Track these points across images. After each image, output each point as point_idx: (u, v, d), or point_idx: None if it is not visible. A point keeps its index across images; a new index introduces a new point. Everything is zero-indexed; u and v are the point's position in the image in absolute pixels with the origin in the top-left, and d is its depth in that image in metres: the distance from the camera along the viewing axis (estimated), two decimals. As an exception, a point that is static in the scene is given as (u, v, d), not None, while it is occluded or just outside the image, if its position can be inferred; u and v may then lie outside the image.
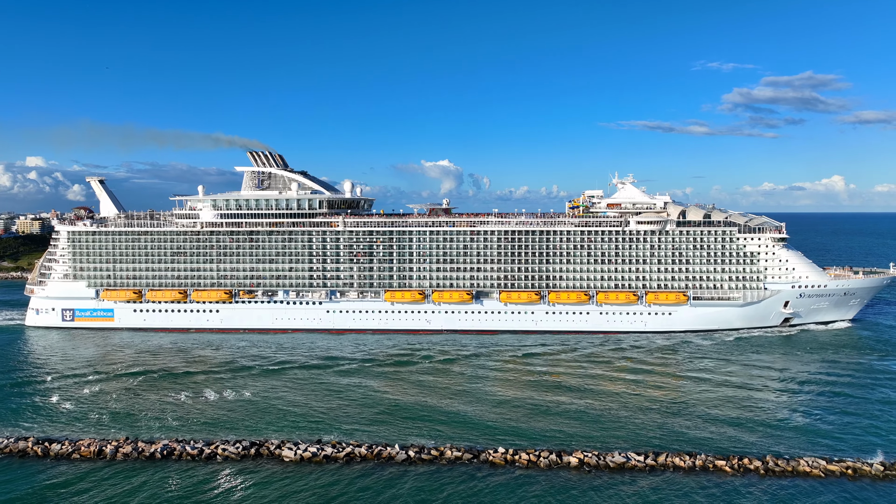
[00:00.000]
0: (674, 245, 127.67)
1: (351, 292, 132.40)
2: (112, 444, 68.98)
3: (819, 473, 61.66)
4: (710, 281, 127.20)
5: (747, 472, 62.39)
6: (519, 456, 65.39)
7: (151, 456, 66.89)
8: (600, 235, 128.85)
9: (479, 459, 65.53)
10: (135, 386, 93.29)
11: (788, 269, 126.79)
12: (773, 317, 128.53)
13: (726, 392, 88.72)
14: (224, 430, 74.42)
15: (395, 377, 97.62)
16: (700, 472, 62.52)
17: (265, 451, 67.39)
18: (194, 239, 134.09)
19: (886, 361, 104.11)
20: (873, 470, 61.84)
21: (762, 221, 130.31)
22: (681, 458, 64.21)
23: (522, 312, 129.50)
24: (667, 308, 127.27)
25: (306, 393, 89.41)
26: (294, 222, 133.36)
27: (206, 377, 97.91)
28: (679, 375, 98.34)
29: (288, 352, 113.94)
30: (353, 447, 67.81)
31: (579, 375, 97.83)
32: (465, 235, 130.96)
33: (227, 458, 66.67)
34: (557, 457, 65.12)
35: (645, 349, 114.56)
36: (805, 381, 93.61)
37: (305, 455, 66.17)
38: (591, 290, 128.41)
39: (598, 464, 63.91)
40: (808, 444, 69.55)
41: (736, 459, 63.90)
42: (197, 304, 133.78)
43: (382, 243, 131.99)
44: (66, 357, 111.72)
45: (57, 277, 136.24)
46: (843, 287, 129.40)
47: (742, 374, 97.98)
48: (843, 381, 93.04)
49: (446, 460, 65.63)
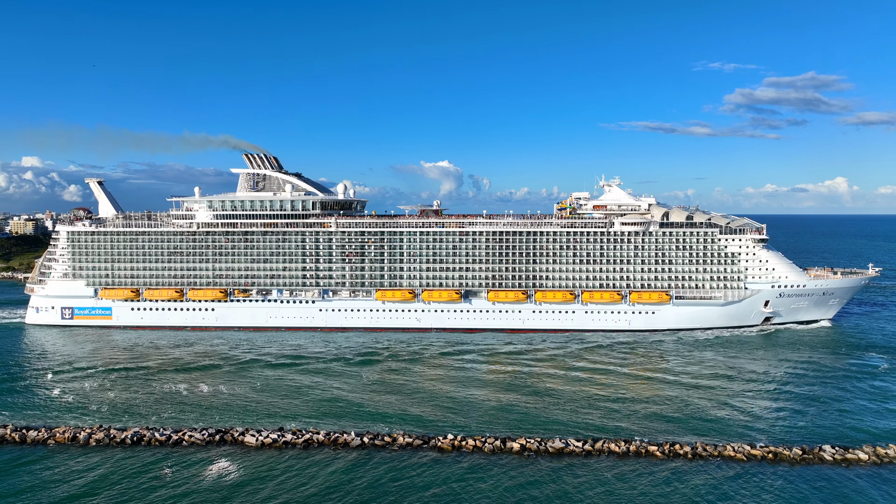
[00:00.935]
0: (657, 246, 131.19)
1: (343, 291, 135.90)
2: (85, 430, 73.19)
3: (742, 457, 66.10)
4: (692, 281, 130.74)
5: (676, 456, 66.85)
6: (466, 442, 69.78)
7: (122, 442, 71.03)
8: (586, 236, 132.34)
9: (429, 445, 69.80)
10: (132, 380, 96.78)
11: (768, 269, 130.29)
12: (753, 316, 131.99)
13: (689, 386, 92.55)
14: (216, 418, 78.02)
15: (362, 372, 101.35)
16: (633, 456, 67.12)
17: (229, 437, 71.58)
18: (190, 239, 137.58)
19: (855, 359, 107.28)
20: (792, 454, 66.37)
21: (743, 223, 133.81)
22: (616, 444, 68.81)
23: (510, 311, 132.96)
24: (650, 307, 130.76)
25: (288, 387, 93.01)
26: (288, 223, 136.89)
27: (202, 373, 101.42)
28: (648, 370, 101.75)
29: (279, 348, 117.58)
30: (312, 434, 71.95)
31: (533, 373, 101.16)
32: (454, 236, 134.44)
33: (193, 443, 70.80)
34: (501, 443, 69.52)
35: (621, 347, 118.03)
36: (770, 377, 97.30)
37: (266, 441, 70.40)
38: (577, 290, 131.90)
39: (539, 449, 68.35)
40: (753, 432, 73.85)
41: (668, 445, 68.25)
42: (193, 303, 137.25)
43: (374, 244, 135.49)
44: (66, 353, 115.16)
45: (56, 276, 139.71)
46: (822, 287, 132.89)
47: (710, 370, 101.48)
48: (807, 377, 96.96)
49: (398, 446, 69.80)
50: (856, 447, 68.07)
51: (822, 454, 66.30)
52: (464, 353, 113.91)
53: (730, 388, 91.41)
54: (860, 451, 66.67)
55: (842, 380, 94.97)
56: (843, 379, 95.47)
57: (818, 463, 65.33)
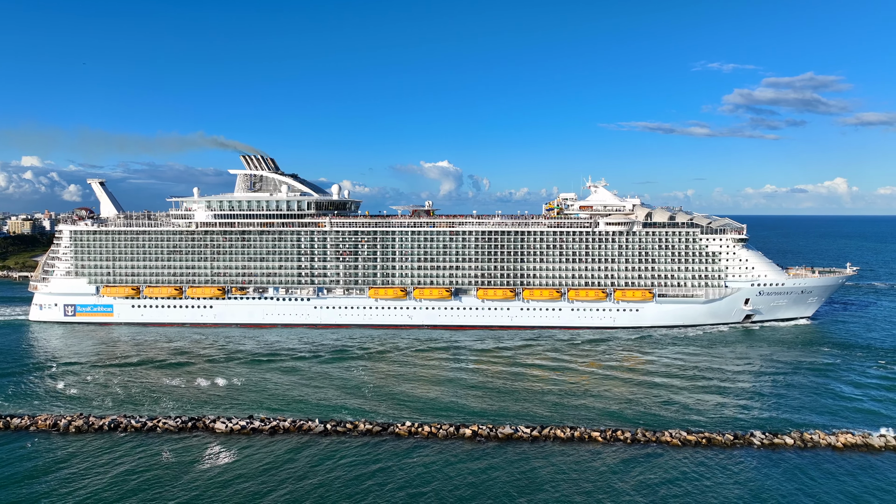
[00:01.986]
0: (640, 245, 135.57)
1: (337, 289, 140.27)
2: (66, 418, 77.71)
3: (678, 443, 71.01)
4: (675, 279, 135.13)
5: (616, 441, 71.80)
6: (422, 428, 74.59)
7: (100, 428, 75.59)
8: (571, 236, 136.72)
9: (388, 432, 74.55)
10: (131, 374, 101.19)
11: (748, 267, 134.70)
12: (734, 313, 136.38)
13: (653, 380, 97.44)
14: (211, 409, 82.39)
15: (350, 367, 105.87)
16: (577, 441, 72.06)
17: (200, 424, 76.29)
18: (189, 238, 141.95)
19: (819, 356, 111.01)
20: (724, 440, 71.26)
21: (724, 223, 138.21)
22: (562, 430, 73.78)
23: (498, 309, 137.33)
24: (634, 305, 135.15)
25: (277, 380, 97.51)
26: (284, 223, 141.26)
27: (199, 367, 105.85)
28: (618, 365, 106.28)
29: (271, 345, 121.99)
30: (279, 421, 76.61)
31: (493, 367, 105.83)
32: (444, 236, 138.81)
33: (167, 429, 75.46)
34: (455, 429, 74.39)
35: (598, 343, 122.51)
36: (730, 371, 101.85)
37: (235, 427, 75.16)
38: (563, 288, 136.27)
39: (490, 434, 73.22)
40: (695, 420, 78.74)
41: (610, 431, 73.26)
42: (192, 301, 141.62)
43: (367, 243, 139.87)
44: (69, 349, 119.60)
45: (59, 274, 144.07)
46: (801, 285, 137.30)
47: (678, 364, 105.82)
48: (765, 371, 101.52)
49: (359, 432, 74.48)
50: (783, 433, 72.97)
51: (751, 439, 71.41)
52: (435, 349, 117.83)
53: (688, 382, 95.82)
54: (787, 437, 71.72)
55: (798, 374, 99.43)
56: (799, 373, 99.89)
57: (747, 447, 70.27)
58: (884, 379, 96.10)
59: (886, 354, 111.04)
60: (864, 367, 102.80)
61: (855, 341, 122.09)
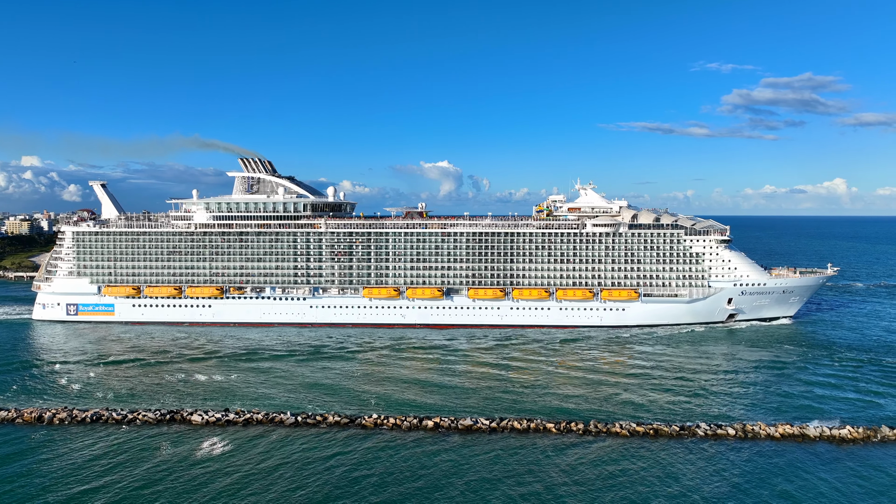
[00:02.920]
0: (626, 246, 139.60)
1: (332, 289, 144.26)
2: (50, 411, 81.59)
3: (626, 433, 75.31)
4: (660, 279, 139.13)
5: (569, 432, 76.01)
6: (387, 420, 78.82)
7: (82, 421, 79.52)
8: (560, 237, 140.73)
9: (355, 423, 78.64)
10: (131, 371, 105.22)
11: (731, 268, 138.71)
12: (718, 313, 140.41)
13: (621, 375, 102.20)
14: (196, 401, 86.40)
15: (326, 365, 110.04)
16: (532, 432, 76.15)
17: (178, 416, 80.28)
18: (189, 239, 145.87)
19: (785, 354, 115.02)
20: (671, 430, 75.60)
21: (708, 224, 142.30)
22: (519, 422, 77.79)
23: (489, 308, 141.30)
24: (620, 304, 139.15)
25: (268, 379, 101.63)
26: (280, 224, 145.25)
27: (197, 363, 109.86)
28: (597, 363, 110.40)
29: (266, 343, 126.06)
30: (252, 414, 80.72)
31: (452, 364, 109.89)
32: (436, 237, 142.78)
33: (146, 422, 79.48)
34: (418, 421, 78.61)
35: (586, 341, 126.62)
36: (699, 367, 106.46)
37: (211, 420, 79.20)
38: (552, 288, 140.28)
39: (450, 426, 77.34)
40: (652, 413, 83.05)
41: (564, 423, 77.32)
42: (191, 300, 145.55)
43: (361, 244, 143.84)
44: (72, 346, 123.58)
45: (62, 274, 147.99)
46: (782, 285, 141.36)
47: (650, 362, 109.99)
48: (732, 368, 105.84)
49: (327, 424, 78.55)
50: (727, 424, 77.18)
51: (696, 430, 75.68)
52: (403, 349, 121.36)
53: (650, 379, 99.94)
54: (729, 428, 75.94)
55: (757, 371, 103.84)
56: (759, 370, 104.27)
57: (692, 437, 74.62)
58: (833, 377, 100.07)
59: (848, 352, 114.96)
60: (821, 365, 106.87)
61: (826, 340, 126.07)
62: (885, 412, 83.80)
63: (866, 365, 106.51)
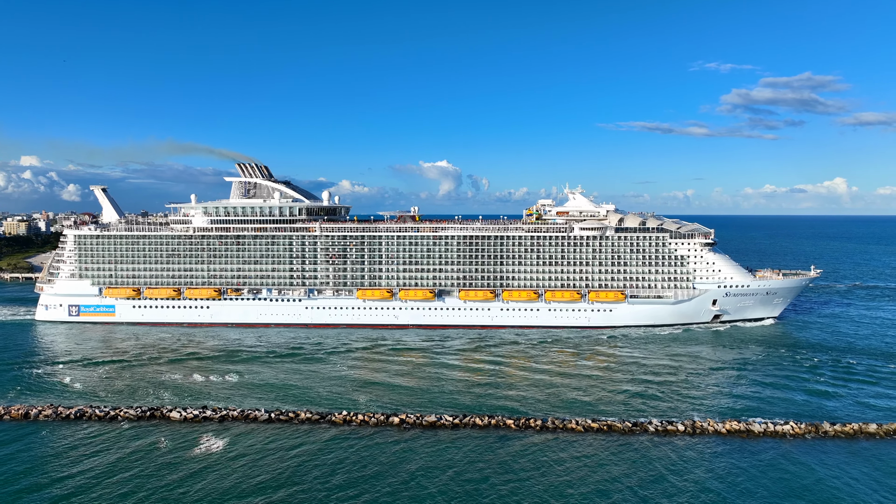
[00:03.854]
0: (613, 249, 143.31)
1: (327, 291, 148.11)
2: (36, 408, 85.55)
3: (581, 429, 79.20)
4: (646, 281, 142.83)
5: (528, 428, 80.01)
6: (356, 417, 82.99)
7: (67, 417, 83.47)
8: (548, 240, 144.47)
9: (326, 420, 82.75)
10: (131, 370, 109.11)
11: (715, 270, 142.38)
12: (703, 313, 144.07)
13: (584, 374, 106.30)
14: (206, 400, 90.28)
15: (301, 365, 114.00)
16: (493, 428, 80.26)
17: (158, 413, 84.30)
18: (187, 242, 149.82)
19: (750, 353, 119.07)
20: (623, 426, 79.46)
21: (692, 228, 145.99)
22: (480, 419, 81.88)
23: (480, 309, 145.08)
24: (607, 305, 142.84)
25: (260, 375, 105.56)
26: (277, 227, 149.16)
27: (195, 363, 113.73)
28: (580, 362, 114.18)
29: (261, 343, 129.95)
30: (228, 411, 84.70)
31: (426, 364, 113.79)
32: (428, 240, 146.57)
33: (127, 418, 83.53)
34: (385, 417, 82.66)
35: (562, 343, 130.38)
36: (672, 366, 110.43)
37: (189, 416, 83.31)
38: (540, 290, 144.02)
39: (415, 422, 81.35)
40: (608, 410, 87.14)
41: (523, 420, 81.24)
42: (189, 301, 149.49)
43: (355, 247, 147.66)
44: (74, 346, 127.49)
45: (64, 276, 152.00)
46: (766, 287, 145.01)
47: (610, 363, 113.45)
48: (708, 367, 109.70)
49: (299, 420, 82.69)
50: (677, 421, 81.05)
51: (647, 426, 79.55)
52: (382, 347, 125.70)
53: (613, 377, 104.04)
54: (679, 424, 79.83)
55: (720, 370, 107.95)
56: (723, 370, 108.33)
57: (643, 433, 78.60)
58: (792, 376, 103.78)
59: (814, 352, 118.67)
60: (784, 365, 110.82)
61: (799, 340, 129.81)
62: (831, 409, 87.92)
63: (827, 364, 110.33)
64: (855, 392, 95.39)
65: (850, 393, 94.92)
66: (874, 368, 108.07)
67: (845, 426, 79.26)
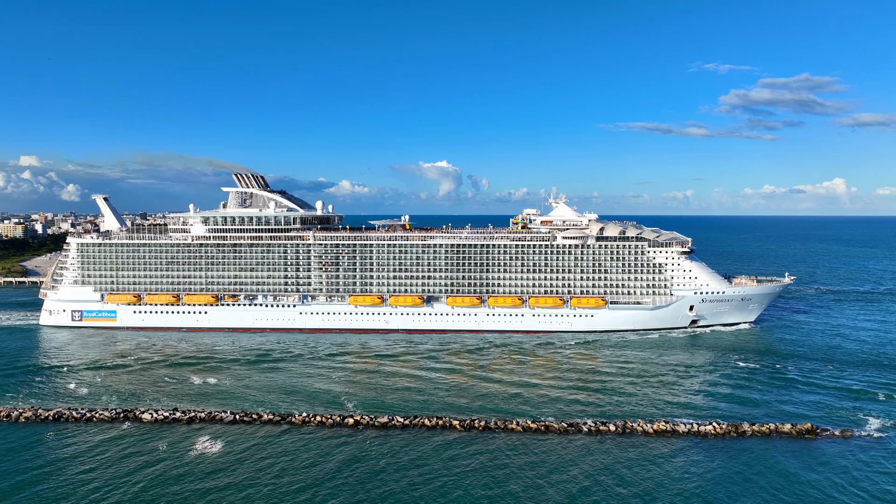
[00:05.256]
0: (594, 257, 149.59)
1: (320, 297, 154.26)
2: (17, 410, 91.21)
3: (520, 429, 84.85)
4: (625, 287, 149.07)
5: (472, 428, 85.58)
6: (314, 418, 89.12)
7: (45, 419, 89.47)
8: (532, 248, 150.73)
9: (286, 421, 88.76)
10: (132, 373, 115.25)
11: (692, 277, 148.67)
12: (680, 319, 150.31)
13: (537, 378, 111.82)
14: (199, 403, 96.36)
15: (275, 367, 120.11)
16: (440, 429, 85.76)
17: (131, 415, 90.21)
18: (186, 250, 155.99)
19: (703, 357, 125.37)
20: (559, 427, 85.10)
21: (670, 237, 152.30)
22: (429, 419, 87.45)
23: (466, 314, 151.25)
24: (589, 311, 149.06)
25: (248, 378, 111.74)
26: (272, 236, 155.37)
27: (193, 367, 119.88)
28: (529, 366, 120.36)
29: (256, 347, 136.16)
30: (196, 413, 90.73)
31: (383, 368, 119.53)
32: (417, 248, 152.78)
33: (101, 419, 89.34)
34: (340, 418, 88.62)
35: (546, 347, 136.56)
36: (627, 369, 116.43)
37: (159, 417, 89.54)
38: (525, 296, 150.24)
39: (369, 423, 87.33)
40: (552, 411, 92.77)
41: (469, 420, 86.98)
42: (188, 307, 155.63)
43: (347, 254, 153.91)
44: (78, 350, 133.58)
45: (68, 283, 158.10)
46: (741, 293, 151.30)
47: (565, 366, 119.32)
48: (646, 371, 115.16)
49: (261, 421, 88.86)
50: (609, 421, 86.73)
51: (581, 426, 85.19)
52: (344, 353, 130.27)
53: (565, 380, 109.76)
54: (611, 424, 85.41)
55: (670, 374, 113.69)
56: (674, 373, 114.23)
57: (577, 432, 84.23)
58: (736, 378, 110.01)
59: (775, 357, 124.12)
60: (734, 366, 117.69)
61: (769, 344, 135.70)
62: (758, 409, 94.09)
63: (769, 367, 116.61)
64: (787, 395, 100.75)
65: (782, 396, 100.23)
66: (815, 371, 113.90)
67: (762, 426, 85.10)
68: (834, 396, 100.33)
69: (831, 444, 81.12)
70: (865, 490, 69.16)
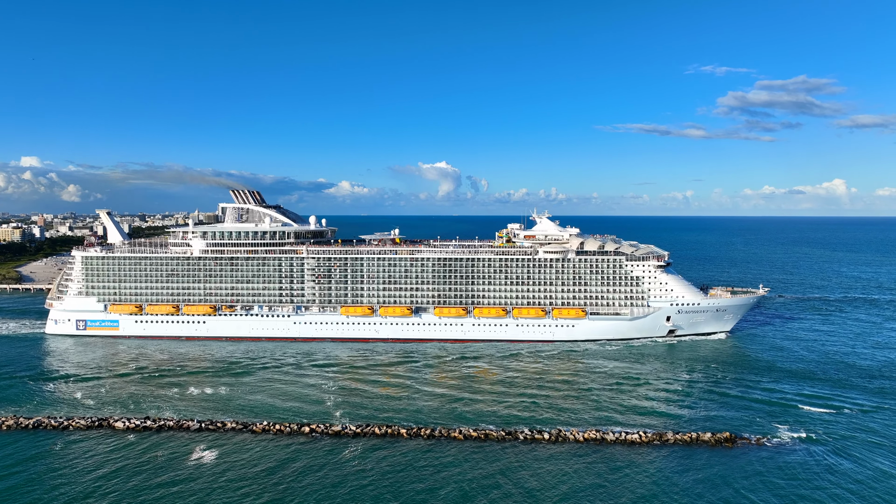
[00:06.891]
0: (574, 270, 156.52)
1: (313, 307, 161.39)
2: (0, 418, 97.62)
3: (461, 437, 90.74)
4: (604, 299, 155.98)
5: (417, 436, 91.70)
6: (273, 426, 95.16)
7: (26, 427, 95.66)
8: (516, 262, 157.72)
9: (247, 429, 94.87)
10: (134, 381, 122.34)
11: (668, 289, 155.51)
12: (658, 329, 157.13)
13: (497, 385, 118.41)
14: (198, 410, 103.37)
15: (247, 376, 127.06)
16: (389, 437, 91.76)
17: (105, 423, 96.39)
18: (185, 263, 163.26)
19: (654, 365, 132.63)
20: (497, 434, 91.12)
21: (648, 251, 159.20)
22: (378, 428, 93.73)
23: (453, 324, 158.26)
24: (570, 321, 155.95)
25: (251, 388, 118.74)
26: (267, 250, 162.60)
27: (191, 375, 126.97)
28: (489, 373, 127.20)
29: (251, 357, 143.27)
30: (165, 421, 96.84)
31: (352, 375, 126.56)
32: (406, 261, 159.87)
33: (77, 427, 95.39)
34: (297, 427, 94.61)
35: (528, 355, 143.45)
36: (584, 378, 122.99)
37: (130, 426, 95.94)
38: (508, 307, 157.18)
39: (324, 431, 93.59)
40: (499, 418, 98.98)
41: (416, 428, 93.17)
42: (187, 317, 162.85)
43: (339, 267, 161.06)
44: (82, 359, 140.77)
45: (72, 293, 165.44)
46: (715, 305, 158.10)
47: (527, 376, 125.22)
48: (597, 382, 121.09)
49: (226, 429, 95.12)
50: (545, 429, 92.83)
51: (518, 434, 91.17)
52: (328, 364, 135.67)
53: (520, 389, 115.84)
54: (545, 433, 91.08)
55: (623, 383, 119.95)
56: (625, 381, 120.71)
57: (514, 440, 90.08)
58: (691, 386, 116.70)
59: (722, 366, 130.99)
60: (685, 375, 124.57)
61: (734, 353, 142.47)
62: (685, 418, 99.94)
63: (728, 377, 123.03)
64: (720, 404, 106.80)
65: (711, 406, 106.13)
66: (757, 382, 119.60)
67: (684, 435, 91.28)
68: (760, 406, 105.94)
69: (745, 452, 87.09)
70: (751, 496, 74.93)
